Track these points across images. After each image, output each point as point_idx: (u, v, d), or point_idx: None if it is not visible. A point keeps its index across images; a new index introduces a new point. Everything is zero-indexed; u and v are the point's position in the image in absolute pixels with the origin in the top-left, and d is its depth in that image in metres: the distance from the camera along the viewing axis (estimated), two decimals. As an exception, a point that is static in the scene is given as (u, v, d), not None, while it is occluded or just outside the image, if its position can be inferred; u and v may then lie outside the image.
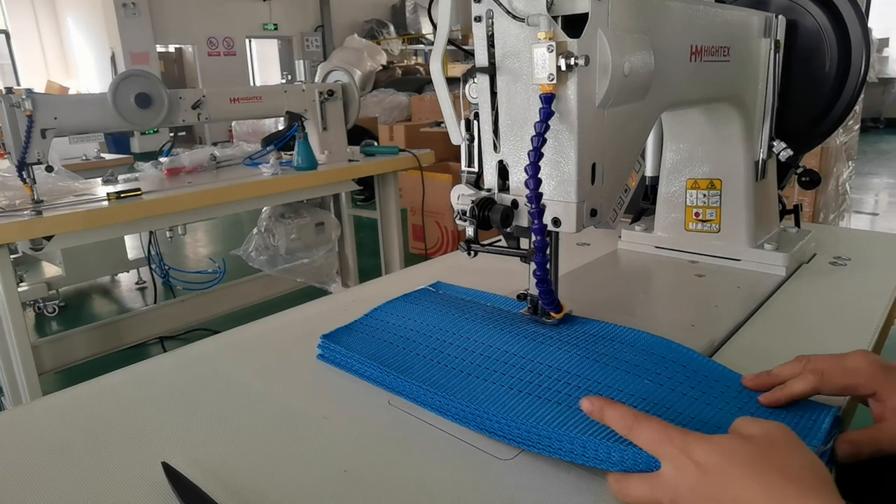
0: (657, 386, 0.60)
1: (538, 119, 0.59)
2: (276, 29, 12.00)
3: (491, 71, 0.66)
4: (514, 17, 0.61)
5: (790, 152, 1.02)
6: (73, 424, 0.65)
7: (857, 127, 3.75)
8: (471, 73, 0.68)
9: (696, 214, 1.05)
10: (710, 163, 1.02)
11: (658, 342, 0.68)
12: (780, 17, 0.98)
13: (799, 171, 1.06)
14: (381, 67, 9.29)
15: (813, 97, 1.08)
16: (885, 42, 9.54)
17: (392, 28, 12.96)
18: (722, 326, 0.81)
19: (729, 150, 1.00)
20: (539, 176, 0.60)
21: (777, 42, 0.97)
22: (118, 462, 0.58)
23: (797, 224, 1.15)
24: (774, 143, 1.02)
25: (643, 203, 1.21)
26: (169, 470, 0.55)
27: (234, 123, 6.13)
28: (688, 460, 0.42)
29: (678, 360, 0.64)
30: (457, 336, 0.72)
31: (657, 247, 1.11)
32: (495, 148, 0.69)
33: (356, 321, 0.80)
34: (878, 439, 0.53)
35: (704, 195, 1.03)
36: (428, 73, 10.07)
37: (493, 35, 0.65)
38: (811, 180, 1.04)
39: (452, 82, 0.71)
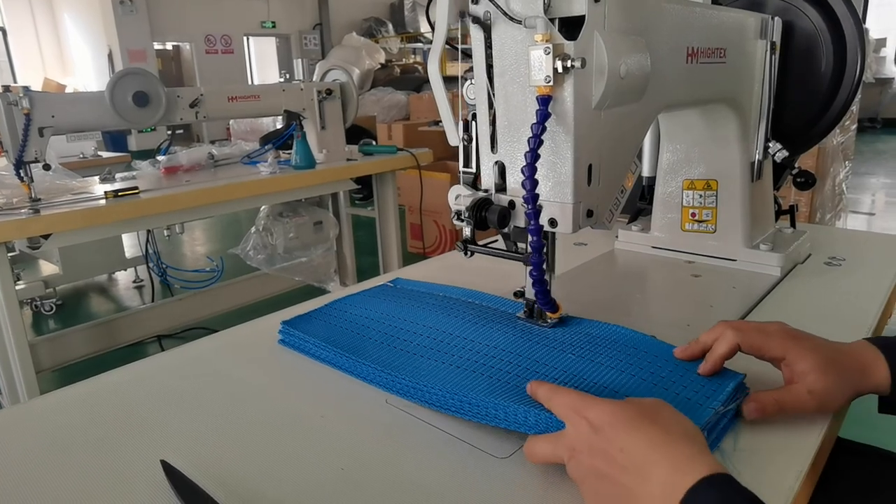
0: (587, 362, 0.65)
1: (535, 121, 0.60)
2: (274, 27, 11.98)
3: (488, 73, 0.66)
4: (512, 18, 0.61)
5: (785, 153, 1.03)
6: (73, 422, 0.65)
7: (853, 127, 3.76)
8: (468, 75, 0.69)
9: (693, 215, 1.06)
10: (707, 163, 1.03)
11: (603, 326, 0.72)
12: (776, 18, 0.98)
13: (794, 171, 1.07)
14: (379, 66, 9.28)
15: (809, 98, 1.09)
16: (882, 42, 9.56)
17: (390, 26, 12.94)
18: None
19: (725, 151, 1.01)
20: (536, 177, 0.61)
21: (773, 44, 0.98)
22: (117, 460, 0.58)
23: (792, 224, 1.16)
24: (770, 145, 1.03)
25: (640, 203, 1.21)
26: (168, 468, 0.55)
27: (231, 122, 6.12)
28: (583, 420, 0.49)
29: (619, 339, 0.70)
30: (406, 322, 0.79)
31: (654, 247, 1.11)
32: (493, 149, 0.69)
33: (315, 310, 0.86)
34: (783, 400, 0.58)
35: (701, 195, 1.04)
36: (426, 71, 10.06)
37: (490, 37, 0.65)
38: (806, 181, 1.05)
39: (450, 80, 0.71)
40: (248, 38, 11.95)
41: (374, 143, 2.86)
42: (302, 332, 0.78)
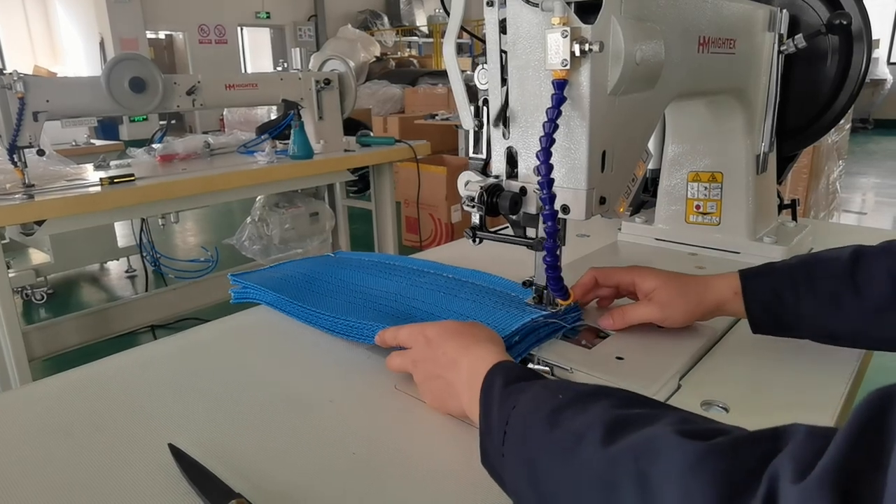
0: (452, 297, 0.81)
1: (550, 105, 0.59)
2: (268, 18, 11.87)
3: (502, 57, 0.66)
4: (528, 1, 0.61)
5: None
6: (75, 407, 0.64)
7: (847, 126, 3.79)
8: (479, 60, 0.68)
9: (697, 207, 1.06)
10: (712, 156, 1.03)
11: (489, 278, 0.87)
12: (783, 11, 0.98)
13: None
14: (374, 59, 9.23)
15: (813, 92, 1.09)
16: (875, 44, 9.62)
17: (386, 19, 12.87)
18: (724, 318, 0.81)
19: (731, 144, 1.00)
20: (550, 162, 0.60)
21: (781, 36, 0.98)
22: (121, 444, 0.57)
23: (794, 218, 1.16)
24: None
25: (643, 195, 1.21)
26: (176, 451, 0.54)
27: (225, 112, 6.08)
28: (422, 336, 0.63)
29: (501, 288, 0.84)
30: (323, 274, 0.94)
31: (657, 239, 1.11)
32: (504, 134, 0.68)
33: (262, 268, 1.00)
34: (627, 311, 0.72)
35: (706, 188, 1.04)
36: (422, 65, 10.01)
37: (504, 20, 0.64)
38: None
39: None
40: (241, 29, 11.83)
41: (371, 134, 2.84)
42: (243, 279, 0.93)
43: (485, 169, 0.72)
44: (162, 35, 11.61)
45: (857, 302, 0.62)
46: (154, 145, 2.42)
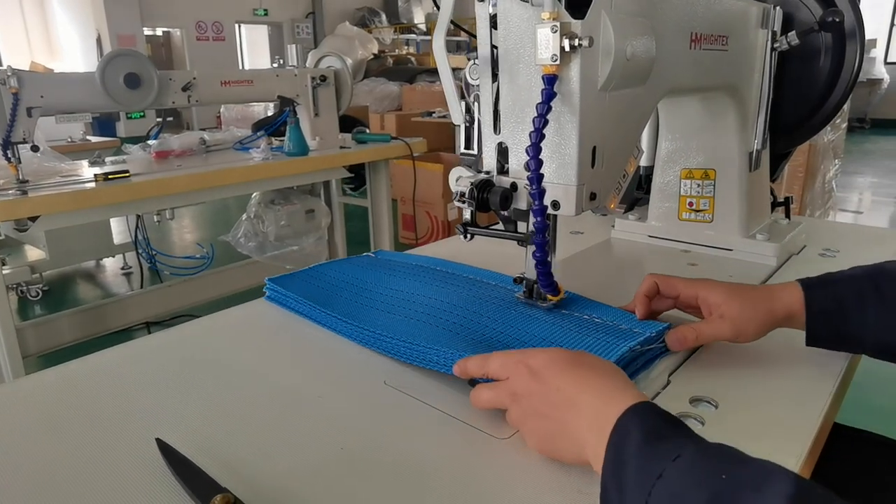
0: (525, 318, 0.72)
1: (540, 100, 0.59)
2: (266, 15, 11.85)
3: (492, 52, 0.66)
4: (518, -4, 0.60)
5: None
6: (64, 401, 0.64)
7: (844, 125, 3.80)
8: (471, 55, 0.68)
9: (690, 204, 1.06)
10: (705, 153, 1.03)
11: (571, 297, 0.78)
12: (777, 8, 0.98)
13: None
14: (372, 56, 9.23)
15: (806, 90, 1.09)
16: (871, 43, 9.63)
17: (384, 17, 12.85)
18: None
19: (724, 141, 1.01)
20: (540, 157, 0.60)
21: (774, 33, 0.98)
22: (110, 438, 0.57)
23: (787, 216, 1.16)
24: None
25: (637, 193, 1.21)
26: (163, 446, 0.54)
27: (222, 108, 6.07)
28: (525, 367, 0.53)
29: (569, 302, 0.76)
30: (376, 283, 0.87)
31: (650, 236, 1.11)
32: (495, 130, 0.68)
33: (300, 271, 0.93)
34: (700, 328, 0.65)
35: (699, 185, 1.04)
36: (419, 63, 10.00)
37: (495, 15, 0.64)
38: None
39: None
40: (239, 26, 11.81)
41: (367, 131, 2.84)
42: (283, 287, 0.85)
43: (476, 165, 0.72)
44: (159, 32, 11.59)
45: None
46: (150, 142, 2.41)
